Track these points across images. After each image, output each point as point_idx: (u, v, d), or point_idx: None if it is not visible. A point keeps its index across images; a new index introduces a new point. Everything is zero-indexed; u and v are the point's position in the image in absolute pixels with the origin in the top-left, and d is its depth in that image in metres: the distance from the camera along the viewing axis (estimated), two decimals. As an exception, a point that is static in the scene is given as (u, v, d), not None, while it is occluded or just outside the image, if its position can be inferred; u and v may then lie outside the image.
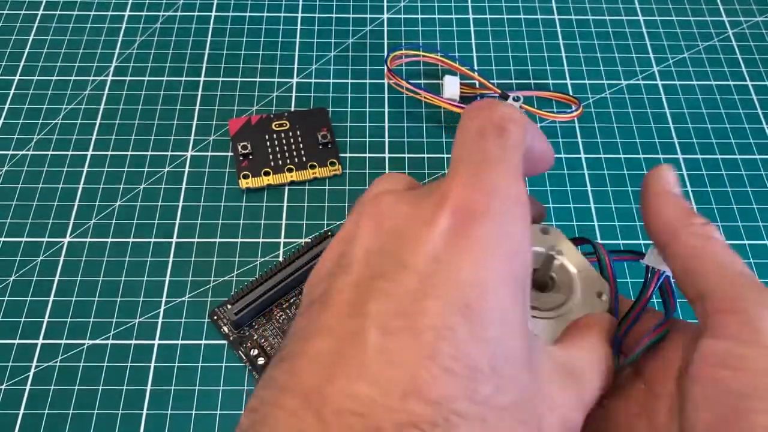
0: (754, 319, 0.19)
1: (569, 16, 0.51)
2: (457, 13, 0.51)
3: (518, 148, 0.18)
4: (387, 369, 0.14)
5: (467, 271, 0.15)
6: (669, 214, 0.23)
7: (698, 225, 0.23)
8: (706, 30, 0.51)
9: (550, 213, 0.41)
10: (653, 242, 0.24)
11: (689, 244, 0.22)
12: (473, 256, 0.15)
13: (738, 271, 0.21)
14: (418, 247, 0.15)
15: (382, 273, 0.15)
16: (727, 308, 0.20)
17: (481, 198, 0.16)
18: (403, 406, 0.13)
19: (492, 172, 0.17)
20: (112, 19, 0.50)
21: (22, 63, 0.47)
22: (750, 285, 0.20)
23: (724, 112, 0.46)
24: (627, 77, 0.48)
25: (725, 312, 0.20)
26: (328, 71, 0.47)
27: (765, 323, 0.19)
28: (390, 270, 0.15)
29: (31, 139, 0.44)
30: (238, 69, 0.48)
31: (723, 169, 0.44)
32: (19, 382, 0.35)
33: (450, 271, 0.15)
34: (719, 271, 0.21)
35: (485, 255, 0.15)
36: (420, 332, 0.14)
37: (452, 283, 0.15)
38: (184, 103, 0.46)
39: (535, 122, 0.31)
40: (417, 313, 0.14)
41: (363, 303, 0.15)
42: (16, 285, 0.38)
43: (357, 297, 0.15)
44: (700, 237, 0.22)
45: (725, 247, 0.22)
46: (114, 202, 0.41)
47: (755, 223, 0.41)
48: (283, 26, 0.50)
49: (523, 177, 0.18)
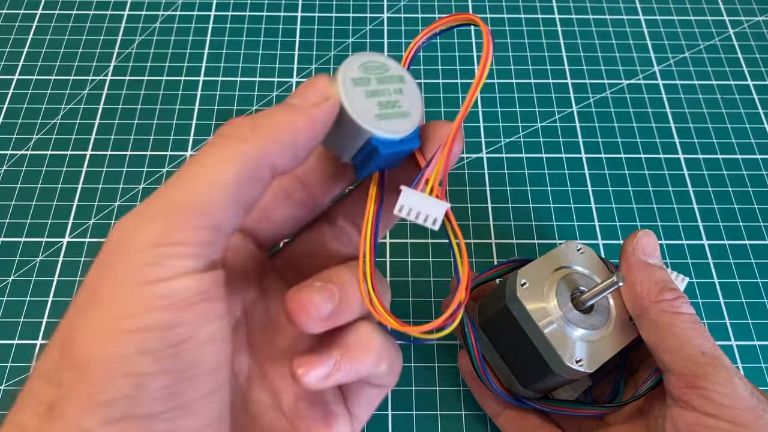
0: (713, 395, 0.22)
1: (570, 16, 0.51)
2: (457, 12, 0.51)
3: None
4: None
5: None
6: (641, 289, 0.26)
7: (667, 302, 0.26)
8: (707, 29, 0.51)
9: (551, 213, 0.41)
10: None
11: (657, 320, 0.25)
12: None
13: (699, 350, 0.24)
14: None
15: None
16: (689, 384, 0.23)
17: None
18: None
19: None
20: (111, 18, 0.50)
21: (21, 62, 0.47)
22: (708, 364, 0.23)
23: (725, 111, 0.46)
24: (628, 77, 0.48)
25: (687, 387, 0.23)
26: (328, 71, 0.47)
27: (721, 398, 0.22)
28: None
29: (30, 138, 0.44)
30: (237, 68, 0.47)
31: (724, 168, 0.44)
32: (18, 383, 0.35)
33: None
34: (681, 349, 0.24)
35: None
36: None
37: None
38: (183, 103, 0.46)
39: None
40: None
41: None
42: (15, 285, 0.38)
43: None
44: (667, 314, 0.25)
45: (691, 323, 0.25)
46: (113, 202, 0.41)
47: (756, 223, 0.41)
48: (283, 25, 0.50)
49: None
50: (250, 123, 0.18)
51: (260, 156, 0.18)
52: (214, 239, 0.17)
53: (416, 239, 0.40)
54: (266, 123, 0.18)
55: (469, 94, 0.21)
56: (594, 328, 0.27)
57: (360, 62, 0.21)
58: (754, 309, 0.38)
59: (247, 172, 0.18)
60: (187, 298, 0.17)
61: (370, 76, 0.21)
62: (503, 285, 0.29)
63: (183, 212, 0.17)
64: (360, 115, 0.20)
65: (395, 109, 0.21)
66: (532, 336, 0.27)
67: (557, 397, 0.30)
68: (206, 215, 0.17)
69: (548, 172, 0.43)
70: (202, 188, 0.17)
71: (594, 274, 0.29)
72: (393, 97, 0.21)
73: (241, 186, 0.18)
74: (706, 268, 0.40)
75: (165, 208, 0.17)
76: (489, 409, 0.32)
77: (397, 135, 0.20)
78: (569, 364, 0.26)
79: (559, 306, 0.27)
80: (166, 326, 0.16)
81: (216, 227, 0.17)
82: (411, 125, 0.21)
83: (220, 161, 0.18)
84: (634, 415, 0.27)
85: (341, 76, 0.20)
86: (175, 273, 0.16)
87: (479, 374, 0.29)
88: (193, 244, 0.17)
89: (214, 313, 0.17)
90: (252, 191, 0.18)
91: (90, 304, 0.17)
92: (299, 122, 0.18)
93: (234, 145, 0.18)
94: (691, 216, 0.41)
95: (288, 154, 0.18)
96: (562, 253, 0.29)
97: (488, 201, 0.42)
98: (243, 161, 0.17)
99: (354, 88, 0.20)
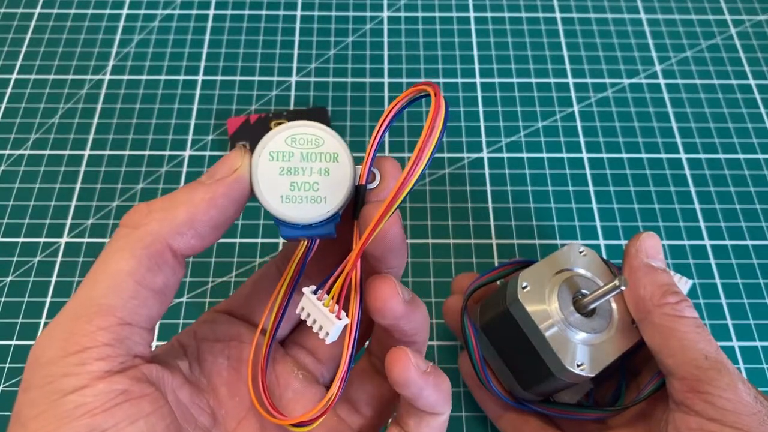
0: (717, 399, 0.22)
1: (571, 15, 0.51)
2: (458, 11, 0.51)
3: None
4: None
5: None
6: (644, 292, 0.26)
7: (670, 305, 0.26)
8: (709, 28, 0.50)
9: (552, 214, 0.41)
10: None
11: (660, 323, 0.25)
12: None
13: (702, 354, 0.23)
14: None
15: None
16: (692, 388, 0.23)
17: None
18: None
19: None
20: (109, 17, 0.50)
21: (19, 62, 0.47)
22: (711, 368, 0.23)
23: (726, 111, 0.46)
24: (629, 76, 0.47)
25: (690, 391, 0.23)
26: (327, 70, 0.47)
27: (725, 403, 0.22)
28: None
29: (28, 138, 0.44)
30: (236, 68, 0.47)
31: (726, 168, 0.43)
32: (17, 384, 0.35)
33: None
34: (684, 353, 0.24)
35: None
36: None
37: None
38: (182, 102, 0.45)
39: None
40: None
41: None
42: (13, 286, 0.38)
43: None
44: (670, 318, 0.25)
45: (694, 327, 0.24)
46: (111, 203, 0.41)
47: (758, 223, 0.41)
48: (282, 24, 0.50)
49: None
50: (147, 208, 0.18)
51: (154, 241, 0.18)
52: (123, 335, 0.17)
53: (416, 239, 0.40)
54: (163, 205, 0.18)
55: (401, 178, 0.18)
56: (596, 331, 0.27)
57: (289, 134, 0.19)
58: (756, 310, 0.38)
59: (143, 260, 0.17)
60: (103, 404, 0.16)
61: (294, 151, 0.19)
62: (504, 287, 0.29)
63: (86, 315, 0.17)
64: (264, 191, 0.19)
65: (308, 192, 0.19)
66: (533, 339, 0.27)
67: (559, 400, 0.29)
68: (108, 313, 0.17)
69: (549, 171, 0.43)
70: (102, 285, 0.17)
71: (596, 277, 0.28)
72: (312, 178, 0.19)
73: (142, 274, 0.17)
74: (707, 269, 0.39)
75: (71, 313, 0.17)
76: (490, 412, 0.32)
77: (299, 221, 0.19)
78: (570, 367, 0.25)
79: (561, 309, 0.27)
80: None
81: (124, 322, 0.17)
82: (320, 213, 0.19)
83: (115, 253, 0.17)
84: (637, 419, 0.27)
85: (259, 148, 0.19)
86: (88, 380, 0.16)
87: (480, 377, 0.29)
88: (100, 346, 0.17)
89: (140, 412, 0.17)
90: (157, 276, 0.18)
91: (16, 430, 0.17)
92: (197, 200, 0.18)
93: (129, 234, 0.18)
94: (693, 216, 0.41)
95: (187, 232, 0.18)
96: (564, 255, 0.29)
97: (489, 201, 0.41)
98: (137, 250, 0.17)
99: (268, 163, 0.19)
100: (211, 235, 0.19)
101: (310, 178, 0.19)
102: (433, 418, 0.20)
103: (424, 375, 0.19)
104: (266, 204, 0.19)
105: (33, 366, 0.17)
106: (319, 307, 0.19)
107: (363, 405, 0.23)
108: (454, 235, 0.40)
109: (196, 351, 0.22)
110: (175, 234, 0.18)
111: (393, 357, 0.19)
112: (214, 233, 0.19)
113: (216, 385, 0.22)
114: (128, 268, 0.17)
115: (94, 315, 0.17)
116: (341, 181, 0.19)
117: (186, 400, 0.20)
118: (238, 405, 0.22)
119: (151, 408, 0.17)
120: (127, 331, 0.17)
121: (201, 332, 0.22)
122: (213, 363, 0.22)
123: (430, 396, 0.19)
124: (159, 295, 0.18)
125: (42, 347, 0.17)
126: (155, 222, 0.18)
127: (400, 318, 0.19)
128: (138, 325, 0.18)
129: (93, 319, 0.17)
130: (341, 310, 0.19)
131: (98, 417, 0.16)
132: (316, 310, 0.19)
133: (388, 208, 0.18)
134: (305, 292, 0.20)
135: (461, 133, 0.44)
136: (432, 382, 0.19)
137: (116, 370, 0.17)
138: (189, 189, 0.18)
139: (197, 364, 0.22)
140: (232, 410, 0.21)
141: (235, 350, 0.22)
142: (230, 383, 0.22)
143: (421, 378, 0.19)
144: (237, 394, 0.22)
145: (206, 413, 0.21)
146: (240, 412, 0.22)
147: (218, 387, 0.22)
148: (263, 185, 0.19)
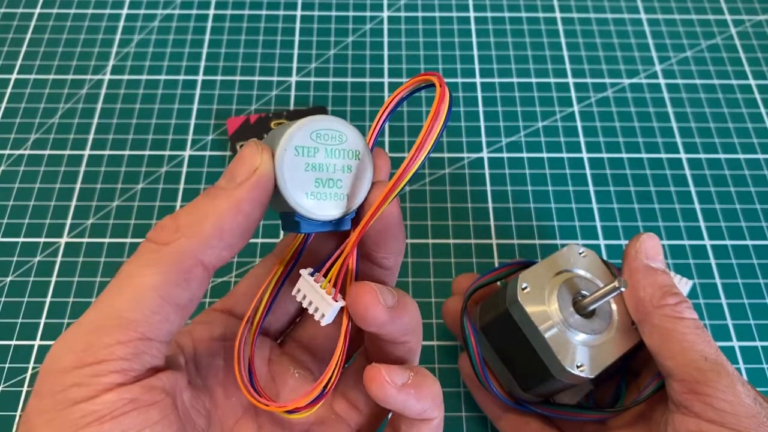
0: (716, 401, 0.22)
1: (571, 15, 0.51)
2: (458, 11, 0.51)
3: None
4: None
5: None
6: (644, 293, 0.26)
7: (670, 307, 0.26)
8: (709, 28, 0.50)
9: (552, 214, 0.41)
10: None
11: (659, 325, 0.25)
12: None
13: (701, 355, 0.23)
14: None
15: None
16: (691, 390, 0.23)
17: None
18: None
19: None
20: (109, 17, 0.50)
21: (19, 61, 0.47)
22: (710, 370, 0.23)
23: (727, 111, 0.46)
24: (629, 76, 0.47)
25: (690, 393, 0.23)
26: (327, 70, 0.47)
27: (724, 404, 0.22)
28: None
29: (28, 138, 0.44)
30: (236, 67, 0.47)
31: (726, 168, 0.43)
32: (16, 384, 0.35)
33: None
34: (684, 355, 0.24)
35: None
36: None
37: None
38: (182, 102, 0.45)
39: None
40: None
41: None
42: (13, 286, 0.38)
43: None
44: (670, 320, 0.25)
45: (694, 328, 0.24)
46: (111, 202, 0.41)
47: (758, 223, 0.41)
48: (282, 24, 0.50)
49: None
50: (173, 224, 0.18)
51: (184, 258, 0.18)
52: (141, 349, 0.17)
53: (416, 239, 0.40)
54: (188, 220, 0.18)
55: (402, 168, 0.18)
56: (595, 332, 0.27)
57: (314, 128, 0.19)
58: (756, 310, 0.38)
59: (171, 276, 0.17)
60: (111, 412, 0.16)
61: (319, 146, 0.19)
62: (504, 288, 0.29)
63: (106, 327, 0.17)
64: (290, 188, 0.18)
65: (332, 189, 0.19)
66: (533, 340, 0.27)
67: (559, 401, 0.29)
68: (129, 328, 0.17)
69: (549, 171, 0.43)
70: (126, 298, 0.17)
71: (596, 278, 0.28)
72: (336, 175, 0.19)
73: (169, 290, 0.17)
74: (707, 269, 0.39)
75: (91, 325, 0.17)
76: (490, 413, 0.32)
77: (322, 218, 0.19)
78: (570, 369, 0.25)
79: (561, 310, 0.27)
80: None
81: (143, 337, 0.17)
82: (340, 211, 0.19)
83: (143, 269, 0.17)
84: (636, 420, 0.27)
85: (284, 142, 0.18)
86: (99, 390, 0.16)
87: (480, 378, 0.29)
88: (116, 360, 0.17)
89: (147, 420, 0.17)
90: (184, 292, 0.18)
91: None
92: (222, 208, 0.18)
93: (158, 251, 0.18)
94: (693, 216, 0.41)
95: (216, 244, 0.18)
96: (564, 256, 0.29)
97: (489, 201, 0.41)
98: (165, 266, 0.17)
99: (294, 158, 0.19)
100: (240, 242, 0.19)
101: (334, 175, 0.19)
102: (425, 423, 0.20)
103: (403, 389, 0.19)
104: (292, 200, 0.19)
105: (47, 372, 0.17)
106: (316, 288, 0.19)
107: (361, 403, 0.23)
108: (454, 235, 0.40)
109: (192, 351, 0.22)
110: (205, 249, 0.18)
111: (367, 377, 0.19)
112: (243, 240, 0.19)
113: (212, 385, 0.22)
114: (154, 284, 0.17)
115: (114, 328, 0.17)
116: (362, 178, 0.19)
117: (187, 402, 0.20)
118: (234, 406, 0.22)
119: (159, 416, 0.17)
120: (146, 346, 0.17)
121: (197, 332, 0.22)
122: (209, 363, 0.22)
123: (414, 407, 0.19)
124: (182, 311, 0.18)
125: (58, 355, 0.17)
126: (184, 238, 0.18)
127: (383, 325, 0.19)
128: (157, 340, 0.18)
129: (113, 332, 0.17)
130: (338, 293, 0.19)
131: (106, 425, 0.16)
132: (313, 292, 0.19)
133: (391, 191, 0.18)
134: (302, 274, 0.20)
135: (461, 133, 0.44)
136: (414, 394, 0.19)
137: (129, 382, 0.17)
138: (211, 197, 0.18)
139: (194, 365, 0.22)
140: (228, 411, 0.21)
141: (231, 350, 0.22)
142: (226, 384, 0.22)
143: (400, 393, 0.19)
144: (233, 395, 0.22)
145: (202, 415, 0.21)
146: (236, 413, 0.22)
147: (214, 388, 0.22)
148: (289, 181, 0.19)
